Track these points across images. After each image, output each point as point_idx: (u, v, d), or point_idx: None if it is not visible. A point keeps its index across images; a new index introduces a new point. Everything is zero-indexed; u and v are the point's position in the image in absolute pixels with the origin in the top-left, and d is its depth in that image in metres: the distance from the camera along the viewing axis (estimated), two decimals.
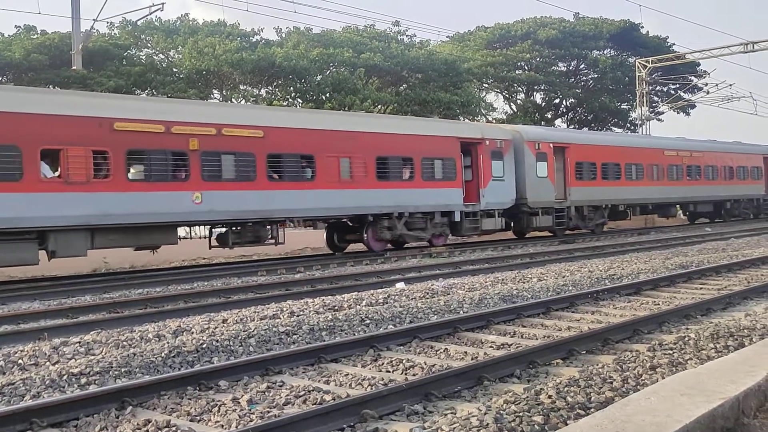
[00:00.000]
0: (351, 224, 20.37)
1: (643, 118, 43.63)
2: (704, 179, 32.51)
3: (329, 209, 18.74)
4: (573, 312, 9.40)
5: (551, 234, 25.80)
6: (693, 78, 48.63)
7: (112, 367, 6.40)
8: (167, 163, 15.83)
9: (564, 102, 50.63)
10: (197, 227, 17.84)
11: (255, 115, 18.36)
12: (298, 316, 8.93)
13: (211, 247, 17.89)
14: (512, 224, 24.41)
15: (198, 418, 5.19)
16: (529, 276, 12.88)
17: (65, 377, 6.10)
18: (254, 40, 35.37)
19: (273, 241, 18.05)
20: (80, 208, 14.33)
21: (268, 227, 17.71)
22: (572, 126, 49.50)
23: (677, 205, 34.09)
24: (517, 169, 23.41)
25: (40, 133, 13.87)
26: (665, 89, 50.53)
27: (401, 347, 7.37)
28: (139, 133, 15.31)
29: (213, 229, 17.73)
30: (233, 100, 33.29)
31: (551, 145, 24.84)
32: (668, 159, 30.47)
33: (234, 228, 17.38)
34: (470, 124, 27.11)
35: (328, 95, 33.08)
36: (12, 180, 13.54)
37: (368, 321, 8.54)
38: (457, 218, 21.56)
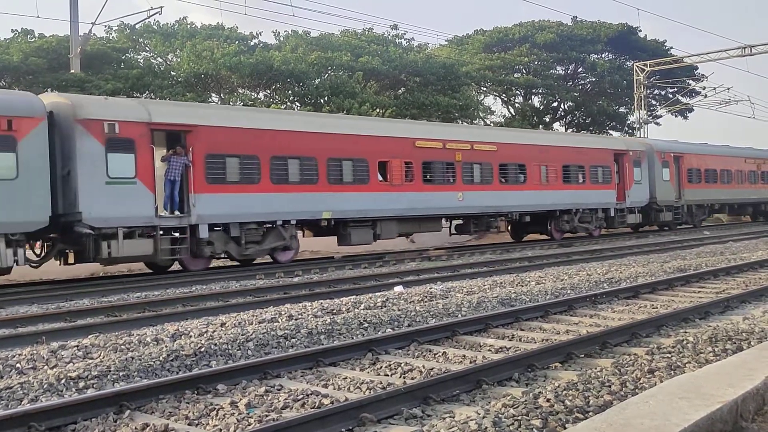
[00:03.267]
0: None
1: (641, 121, 43.71)
2: None
3: (535, 206, 24.22)
4: (571, 315, 9.41)
5: (666, 228, 31.09)
6: (691, 81, 48.73)
7: (110, 371, 6.39)
8: (443, 171, 21.41)
9: (562, 105, 50.70)
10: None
11: (491, 135, 25.07)
12: (296, 319, 8.92)
13: (451, 234, 23.84)
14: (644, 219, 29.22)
15: (196, 422, 5.18)
16: (528, 279, 12.88)
17: (63, 381, 6.09)
18: (252, 43, 35.40)
19: (496, 230, 24.04)
20: (396, 203, 19.96)
21: (491, 219, 23.09)
22: (570, 129, 49.58)
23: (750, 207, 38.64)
24: (649, 174, 28.82)
25: (378, 150, 19.75)
26: (663, 93, 50.59)
27: (400, 351, 7.37)
28: (429, 149, 21.02)
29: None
30: (231, 103, 33.29)
31: (672, 154, 30.62)
32: (748, 166, 36.75)
33: (474, 220, 22.64)
34: (619, 139, 31.94)
35: (326, 99, 33.09)
36: (363, 183, 19.31)
37: (367, 324, 8.54)
38: (612, 214, 27.18)
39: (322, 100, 33.26)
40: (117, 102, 16.41)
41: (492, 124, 45.54)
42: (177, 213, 15.92)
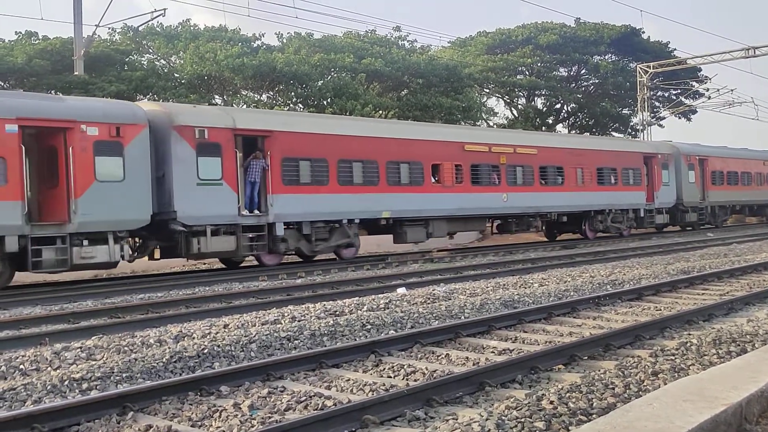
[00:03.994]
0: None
1: (644, 123, 43.65)
2: None
3: (572, 206, 25.52)
4: (575, 317, 9.40)
5: (690, 228, 32.34)
6: (694, 83, 48.62)
7: (113, 373, 6.39)
8: (489, 173, 22.69)
9: (565, 107, 50.63)
10: None
11: (532, 139, 26.33)
12: (299, 321, 8.92)
13: (492, 233, 25.66)
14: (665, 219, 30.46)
15: (199, 423, 5.18)
16: (531, 281, 12.87)
17: (66, 382, 6.10)
18: (255, 45, 35.40)
19: (534, 229, 25.43)
20: (448, 204, 21.18)
21: (531, 219, 24.35)
22: (573, 131, 49.55)
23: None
24: (676, 176, 30.07)
25: (431, 153, 20.95)
26: (666, 94, 50.49)
27: (402, 352, 7.37)
28: (476, 152, 22.36)
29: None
30: (234, 105, 33.32)
31: (697, 157, 31.70)
32: (766, 168, 37.96)
33: (515, 220, 23.91)
34: (649, 143, 32.59)
35: (329, 100, 33.10)
36: (418, 184, 20.52)
37: (369, 326, 8.53)
38: (642, 214, 28.49)
39: (325, 102, 33.27)
40: (205, 110, 18.53)
41: (495, 126, 45.51)
42: (256, 212, 17.17)
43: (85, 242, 14.48)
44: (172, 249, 16.38)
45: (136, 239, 16.12)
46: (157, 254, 16.78)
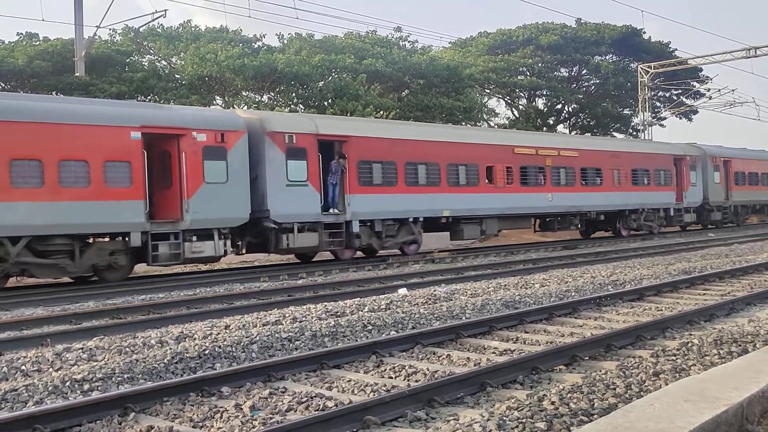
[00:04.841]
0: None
1: (646, 123, 43.63)
2: None
3: (609, 205, 27.12)
4: (576, 318, 9.39)
5: (713, 226, 33.49)
6: (695, 83, 48.59)
7: (114, 374, 6.39)
8: (536, 174, 24.18)
9: (566, 107, 50.62)
10: None
11: (574, 142, 28.44)
12: (300, 322, 8.92)
13: (535, 231, 26.99)
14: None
15: (200, 424, 5.19)
16: (532, 282, 12.86)
17: (68, 383, 6.10)
18: (256, 46, 35.40)
19: (576, 227, 27.19)
20: (500, 203, 22.63)
21: (572, 217, 26.11)
22: (574, 132, 49.54)
23: None
24: (702, 177, 31.63)
25: (485, 156, 22.58)
26: (667, 95, 50.46)
27: (404, 353, 7.37)
28: (525, 155, 23.81)
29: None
30: (235, 106, 33.33)
31: (722, 159, 33.27)
32: None
33: (558, 219, 25.64)
34: (678, 145, 33.08)
35: (329, 101, 33.11)
36: (474, 185, 22.10)
37: (371, 327, 8.53)
38: (672, 213, 30.21)
39: (326, 103, 33.28)
40: (293, 117, 21.27)
41: (496, 126, 45.49)
42: (335, 211, 18.60)
43: (194, 238, 16.00)
44: (260, 245, 17.90)
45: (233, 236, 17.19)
46: (243, 249, 17.85)
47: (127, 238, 15.22)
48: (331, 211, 18.45)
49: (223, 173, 16.29)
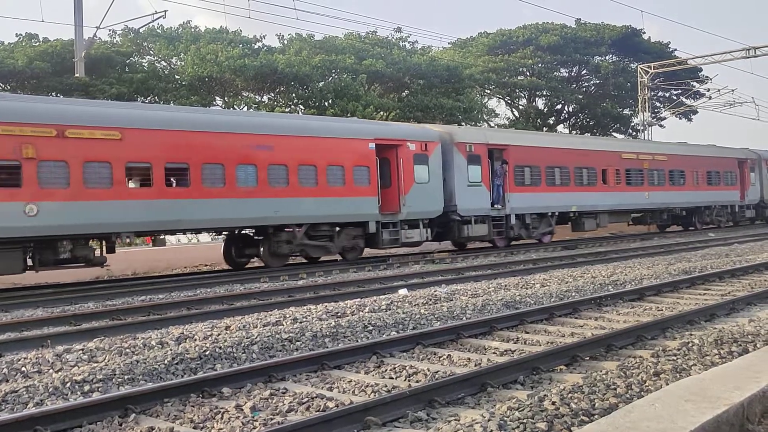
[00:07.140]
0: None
1: (645, 123, 43.64)
2: None
3: (690, 203, 31.18)
4: (576, 318, 9.39)
5: (760, 221, 37.05)
6: (695, 83, 48.63)
7: (115, 375, 6.39)
8: (636, 176, 28.07)
9: (566, 108, 50.66)
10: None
11: (664, 148, 31.23)
12: (301, 322, 8.92)
13: (629, 225, 31.19)
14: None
15: (201, 425, 5.18)
16: (532, 282, 12.86)
17: (68, 385, 6.10)
18: (256, 46, 35.41)
19: (661, 221, 30.80)
20: (611, 200, 26.94)
21: (662, 213, 30.18)
22: (574, 132, 49.55)
23: None
24: (760, 177, 35.68)
25: (601, 160, 26.61)
26: (667, 95, 50.51)
27: (404, 354, 7.36)
28: (629, 159, 27.80)
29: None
30: (235, 107, 33.34)
31: None
32: None
33: (650, 214, 29.78)
34: (741, 149, 36.15)
35: (330, 102, 33.12)
36: (593, 185, 26.17)
37: (371, 327, 8.53)
38: (736, 209, 34.37)
39: (326, 103, 33.30)
40: (470, 130, 26.42)
41: (496, 126, 45.52)
42: (498, 206, 22.63)
43: (407, 227, 20.13)
44: (444, 233, 21.93)
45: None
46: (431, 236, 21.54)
47: (364, 227, 19.10)
48: (496, 206, 22.42)
49: (426, 175, 20.41)
